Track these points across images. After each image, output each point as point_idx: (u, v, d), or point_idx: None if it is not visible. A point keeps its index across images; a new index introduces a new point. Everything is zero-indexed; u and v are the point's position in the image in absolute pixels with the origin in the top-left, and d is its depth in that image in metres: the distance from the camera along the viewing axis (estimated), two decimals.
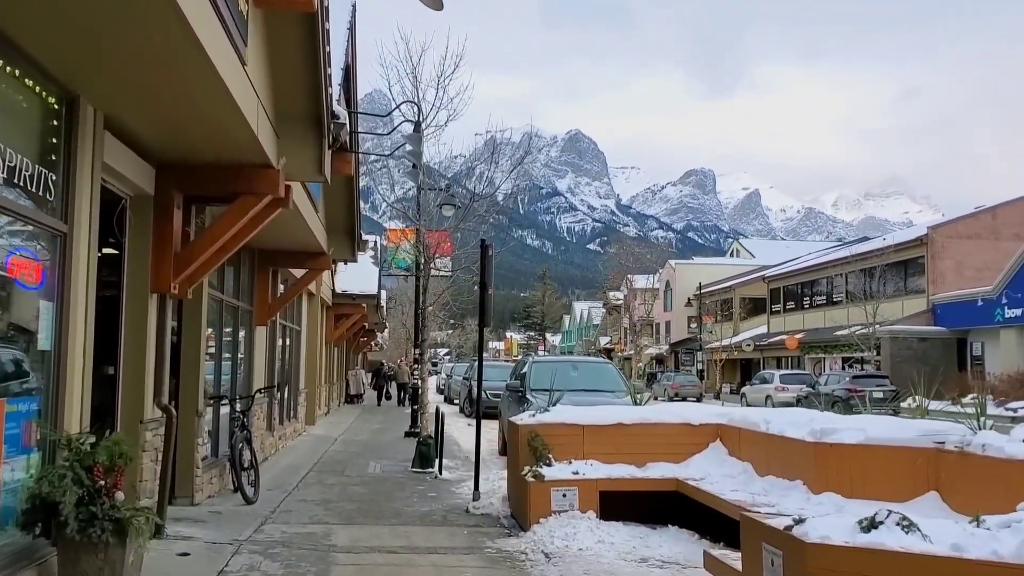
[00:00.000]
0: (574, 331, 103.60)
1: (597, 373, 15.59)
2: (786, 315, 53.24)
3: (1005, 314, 33.97)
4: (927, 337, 37.83)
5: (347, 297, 26.19)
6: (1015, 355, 33.55)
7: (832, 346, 43.72)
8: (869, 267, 43.02)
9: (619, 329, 77.73)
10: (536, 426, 9.35)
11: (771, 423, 8.32)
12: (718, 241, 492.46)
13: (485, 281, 10.52)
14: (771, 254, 73.96)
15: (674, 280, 68.41)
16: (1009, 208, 40.29)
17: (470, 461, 15.66)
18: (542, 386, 14.98)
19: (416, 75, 13.02)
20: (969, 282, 38.58)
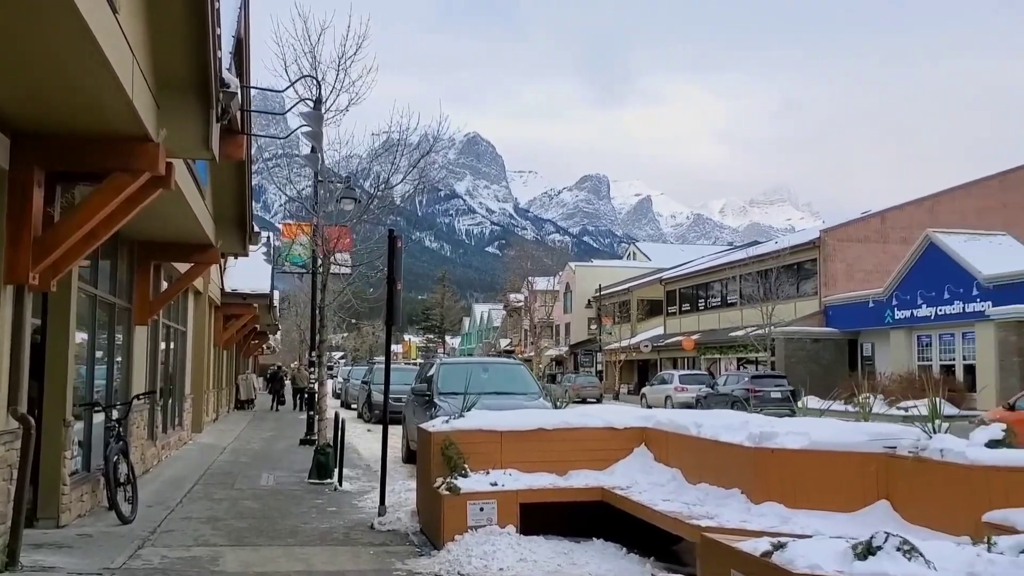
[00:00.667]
0: (474, 333, 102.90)
1: (509, 375, 14.91)
2: (682, 317, 53.87)
3: (895, 315, 34.98)
4: (820, 338, 38.67)
5: (237, 296, 24.79)
6: (904, 355, 34.56)
7: (728, 347, 44.33)
8: (764, 269, 43.84)
9: (519, 331, 77.44)
10: (450, 433, 8.58)
11: (703, 427, 7.78)
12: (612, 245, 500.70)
13: (393, 276, 9.68)
14: (666, 257, 75.01)
15: (574, 282, 68.54)
16: (897, 213, 41.64)
17: (372, 471, 14.75)
18: (451, 389, 14.22)
19: (315, 55, 12.05)
20: (859, 284, 39.66)
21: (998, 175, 42.55)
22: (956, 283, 31.53)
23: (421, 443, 9.39)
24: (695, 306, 52.71)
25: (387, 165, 13.73)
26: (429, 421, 13.34)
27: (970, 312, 30.94)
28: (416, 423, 15.07)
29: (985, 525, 5.17)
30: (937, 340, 33.47)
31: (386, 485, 10.17)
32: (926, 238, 33.82)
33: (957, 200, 41.45)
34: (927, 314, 33.18)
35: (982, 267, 30.58)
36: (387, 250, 9.78)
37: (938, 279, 32.37)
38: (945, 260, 32.37)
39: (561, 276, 70.41)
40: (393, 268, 9.70)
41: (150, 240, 11.77)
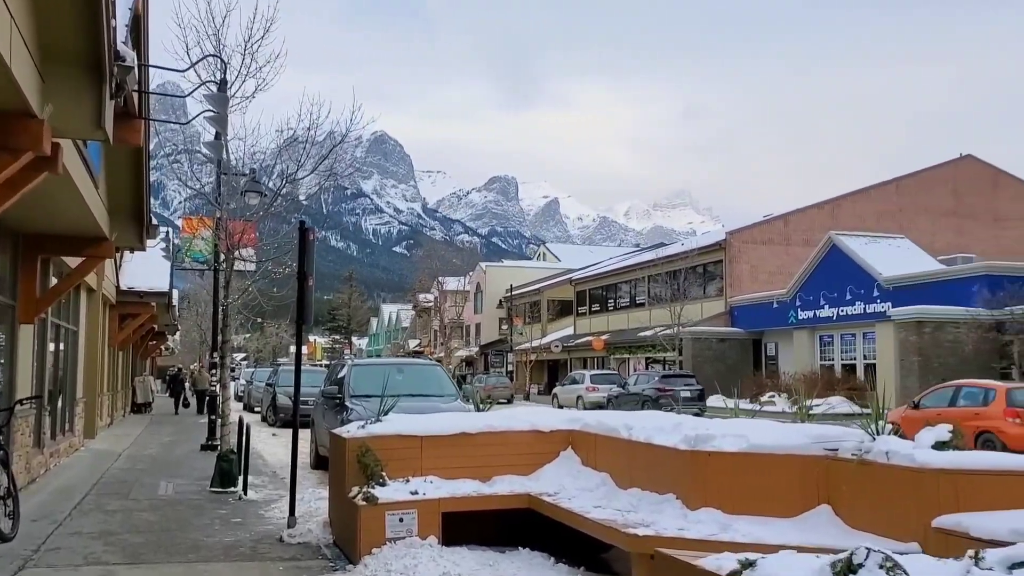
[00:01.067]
0: (382, 334, 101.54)
1: (424, 377, 14.40)
2: (592, 317, 54.16)
3: (798, 316, 35.78)
4: (726, 338, 39.31)
5: (134, 295, 23.53)
6: (807, 355, 35.38)
7: (637, 347, 44.70)
8: (672, 270, 44.38)
9: (429, 332, 76.72)
10: (367, 439, 8.06)
11: (634, 429, 7.47)
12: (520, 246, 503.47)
13: (305, 271, 9.09)
14: (576, 258, 75.43)
15: (484, 282, 68.22)
16: (799, 216, 42.71)
17: (278, 478, 14.06)
18: (364, 392, 13.66)
19: (220, 37, 11.31)
20: (763, 286, 40.50)
21: (894, 180, 44.10)
22: (857, 284, 32.42)
23: (334, 449, 8.84)
24: (605, 306, 53.05)
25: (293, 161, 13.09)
26: (341, 425, 12.77)
27: (871, 313, 31.84)
28: (326, 427, 14.43)
29: (936, 531, 4.98)
30: (839, 340, 34.37)
31: (296, 494, 9.55)
32: (828, 240, 34.70)
33: (857, 204, 42.77)
34: (829, 314, 34.04)
35: (882, 269, 31.51)
36: (298, 244, 9.18)
37: (840, 280, 33.24)
38: (847, 262, 33.25)
39: (471, 276, 69.99)
40: (305, 263, 9.11)
41: (37, 232, 10.85)
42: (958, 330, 26.89)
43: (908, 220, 41.78)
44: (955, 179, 43.95)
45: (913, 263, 32.48)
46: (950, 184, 43.79)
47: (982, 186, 44.10)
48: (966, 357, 26.74)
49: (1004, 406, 16.79)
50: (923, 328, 27.09)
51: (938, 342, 26.96)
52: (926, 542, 5.04)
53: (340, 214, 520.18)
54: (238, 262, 18.46)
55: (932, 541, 4.99)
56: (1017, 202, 44.32)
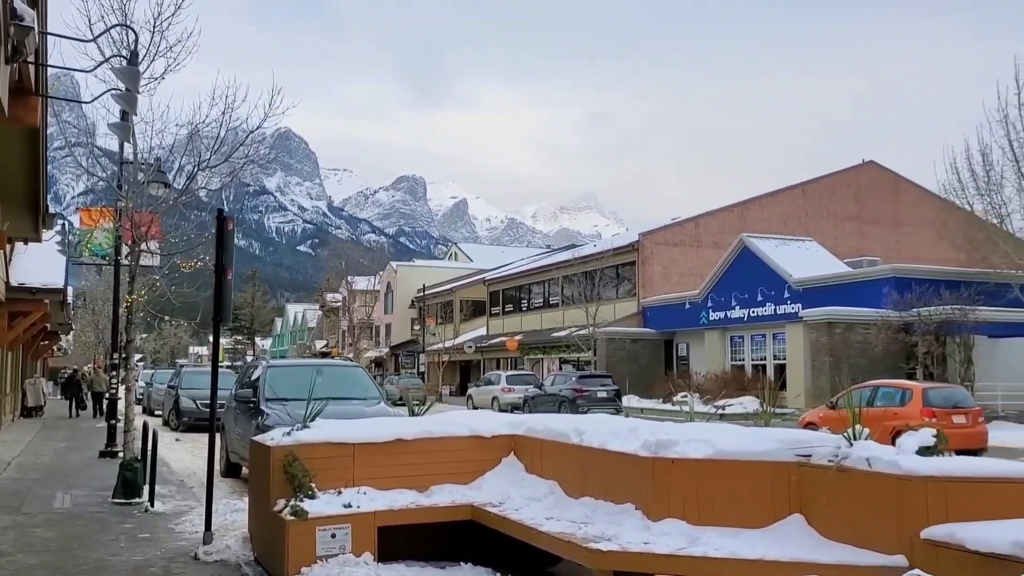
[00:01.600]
0: (287, 334, 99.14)
1: (346, 379, 13.70)
2: (505, 317, 53.89)
3: (709, 317, 36.20)
4: (638, 338, 39.53)
5: (25, 291, 21.97)
6: (718, 355, 35.81)
7: (551, 347, 44.60)
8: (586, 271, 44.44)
9: (337, 332, 75.19)
10: (295, 447, 7.41)
11: (585, 434, 7.04)
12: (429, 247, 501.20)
13: (223, 262, 8.36)
14: (488, 259, 75.09)
15: (395, 282, 67.19)
16: (709, 218, 43.33)
17: (187, 487, 13.18)
18: (280, 395, 12.90)
19: (126, 12, 10.41)
20: (675, 287, 40.91)
21: (800, 185, 45.18)
22: (768, 286, 32.96)
23: (256, 458, 8.14)
24: (518, 307, 52.85)
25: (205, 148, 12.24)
26: (256, 432, 12.00)
27: (781, 314, 32.39)
28: (239, 433, 13.61)
29: (925, 542, 4.69)
30: (749, 340, 34.89)
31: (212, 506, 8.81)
32: (740, 242, 35.20)
33: (764, 208, 43.63)
34: (740, 315, 34.53)
35: (792, 271, 32.10)
36: (216, 234, 8.44)
37: (751, 282, 33.74)
38: (758, 264, 33.78)
39: (382, 276, 68.88)
40: (223, 255, 8.38)
41: None
42: (867, 331, 27.53)
43: (813, 224, 42.85)
44: (858, 184, 45.30)
45: (821, 265, 33.20)
46: (853, 189, 45.12)
47: (883, 191, 45.57)
48: (875, 358, 27.39)
49: (920, 406, 17.09)
50: (834, 329, 27.64)
51: (848, 343, 27.54)
52: (913, 554, 4.75)
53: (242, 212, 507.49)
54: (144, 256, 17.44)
55: (920, 553, 4.70)
56: (916, 207, 45.93)
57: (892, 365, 27.65)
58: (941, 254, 38.87)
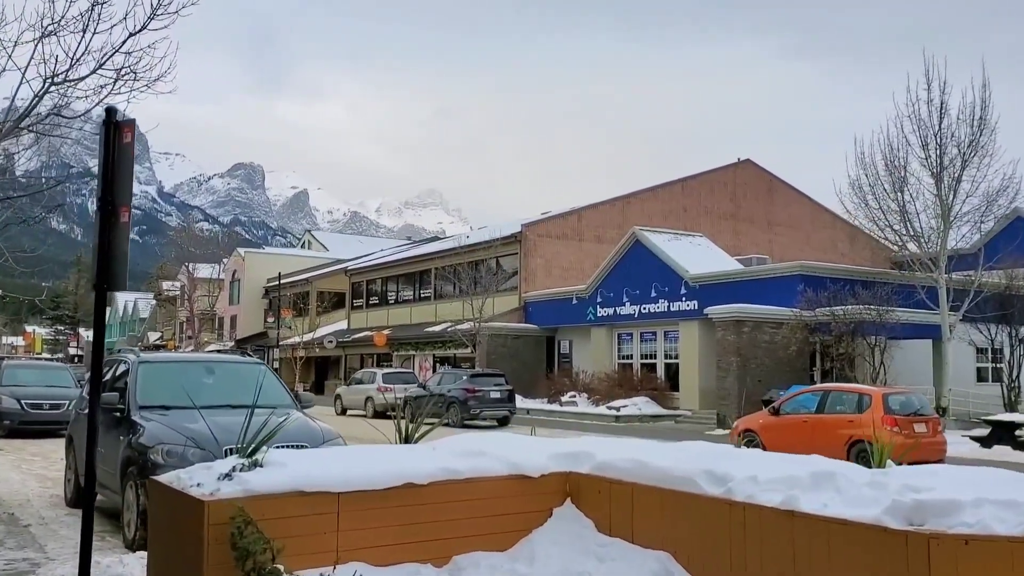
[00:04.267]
0: (115, 325, 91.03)
1: (244, 380, 10.50)
2: (369, 311, 50.53)
3: (597, 313, 34.38)
4: (520, 334, 37.30)
5: None
6: (604, 353, 34.04)
7: (424, 343, 41.72)
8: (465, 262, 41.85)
9: (173, 323, 69.17)
10: (245, 502, 4.46)
11: (733, 481, 4.45)
12: (266, 237, 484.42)
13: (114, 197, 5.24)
14: (345, 248, 71.03)
15: (243, 270, 62.11)
16: (592, 211, 41.64)
17: (22, 524, 9.74)
18: (158, 401, 9.62)
19: None
20: (557, 281, 38.97)
21: (680, 181, 44.30)
22: (663, 282, 31.42)
23: (172, 518, 5.06)
24: (384, 300, 49.60)
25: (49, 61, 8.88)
26: (132, 453, 8.83)
27: (676, 311, 30.91)
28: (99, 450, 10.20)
29: None
30: (638, 338, 33.30)
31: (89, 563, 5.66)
32: (632, 235, 33.56)
33: (645, 202, 42.41)
34: (631, 312, 32.86)
35: (688, 266, 30.67)
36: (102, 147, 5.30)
37: (643, 277, 32.12)
38: (651, 258, 32.20)
39: (227, 263, 63.65)
40: (117, 182, 5.26)
41: None
42: (775, 330, 26.31)
43: (692, 220, 41.96)
44: (735, 183, 44.88)
45: (715, 262, 32.00)
46: (730, 187, 44.66)
47: (758, 191, 45.37)
48: (783, 359, 26.22)
49: (881, 413, 15.50)
50: (742, 327, 26.25)
51: (755, 342, 26.22)
52: None
53: (63, 194, 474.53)
54: None
55: None
56: (788, 208, 46.08)
57: (800, 366, 26.59)
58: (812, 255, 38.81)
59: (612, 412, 29.34)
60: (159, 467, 8.30)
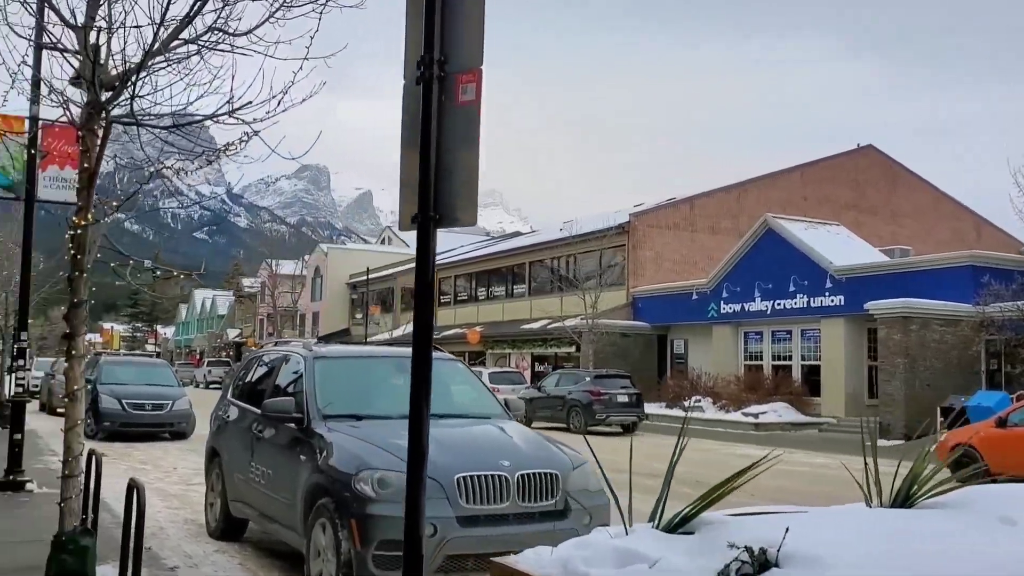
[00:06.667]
0: (194, 322, 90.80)
1: (441, 381, 8.17)
2: (458, 307, 48.41)
3: (721, 309, 31.58)
4: (629, 332, 34.67)
5: None
6: (728, 354, 31.24)
7: (522, 341, 39.38)
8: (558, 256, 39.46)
9: (253, 320, 68.13)
10: None
11: None
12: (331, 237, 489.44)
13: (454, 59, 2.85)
14: None
15: (325, 267, 60.56)
16: (705, 200, 38.79)
17: (160, 561, 7.59)
18: (345, 409, 7.31)
19: None
20: (668, 275, 36.28)
21: (799, 168, 41.20)
22: (802, 275, 28.48)
23: None
24: (474, 296, 47.42)
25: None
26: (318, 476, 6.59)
27: (817, 307, 27.98)
28: (258, 473, 7.94)
29: None
30: (769, 337, 30.42)
31: None
32: (764, 224, 30.69)
33: (763, 190, 39.42)
34: (762, 308, 29.98)
35: (832, 258, 27.70)
36: None
37: (778, 270, 29.22)
38: (787, 249, 29.29)
39: (309, 260, 62.25)
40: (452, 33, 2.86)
41: None
42: (945, 328, 23.26)
43: (812, 210, 38.77)
44: (856, 170, 41.60)
45: (860, 253, 28.98)
46: (851, 175, 41.39)
47: (880, 178, 42.01)
48: (953, 360, 23.18)
49: None
50: (909, 325, 23.22)
51: (924, 342, 23.20)
52: None
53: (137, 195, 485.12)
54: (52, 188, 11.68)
55: None
56: (912, 197, 42.62)
57: (974, 369, 23.51)
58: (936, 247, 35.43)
59: (749, 419, 26.58)
60: (368, 501, 6.01)
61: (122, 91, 6.11)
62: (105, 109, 6.00)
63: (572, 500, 6.54)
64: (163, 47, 6.16)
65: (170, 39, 6.21)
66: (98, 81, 6.07)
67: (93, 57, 5.95)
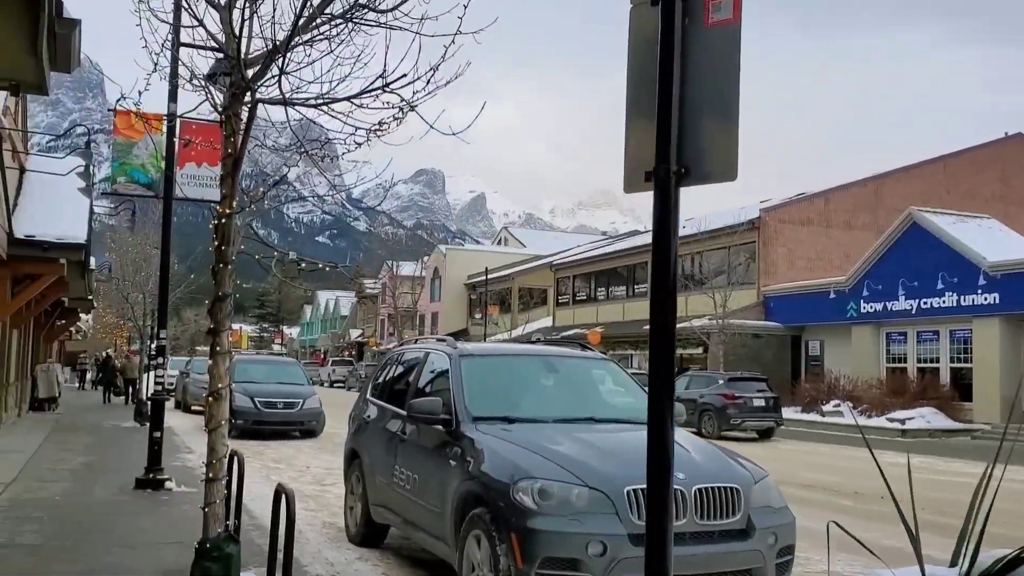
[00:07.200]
0: (317, 322, 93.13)
1: (590, 382, 7.56)
2: (576, 307, 47.68)
3: (860, 308, 29.85)
4: (761, 333, 33.21)
5: (34, 246, 16.02)
6: (868, 355, 29.48)
7: (646, 342, 38.32)
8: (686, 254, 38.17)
9: (374, 320, 69.23)
10: None
11: None
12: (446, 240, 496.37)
13: None
14: (542, 244, 68.74)
15: (444, 267, 60.92)
16: (840, 193, 36.86)
17: (304, 570, 7.21)
18: (493, 411, 6.77)
19: None
20: (800, 273, 34.60)
21: (940, 159, 38.73)
22: (951, 271, 26.57)
23: None
24: (593, 295, 46.61)
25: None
26: (468, 483, 6.07)
27: (968, 306, 26.04)
28: (402, 477, 7.49)
29: None
30: (914, 338, 28.53)
31: None
32: (908, 218, 28.84)
33: (901, 183, 37.21)
34: (906, 307, 28.14)
35: (986, 253, 25.71)
36: None
37: (925, 266, 27.36)
38: (934, 244, 27.40)
39: (428, 260, 62.77)
40: None
41: None
42: None
43: (955, 204, 36.31)
44: (1004, 160, 38.79)
45: (1015, 248, 26.83)
46: (998, 166, 38.62)
47: None
48: None
49: None
50: None
51: None
52: None
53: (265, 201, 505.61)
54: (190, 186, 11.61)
55: None
56: None
57: None
58: None
59: (895, 425, 24.93)
60: (529, 513, 5.42)
61: (266, 70, 5.76)
62: (251, 88, 5.64)
63: (755, 518, 5.81)
64: (310, 22, 5.77)
65: (316, 14, 5.81)
66: (242, 61, 5.73)
67: (238, 34, 5.60)
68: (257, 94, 5.73)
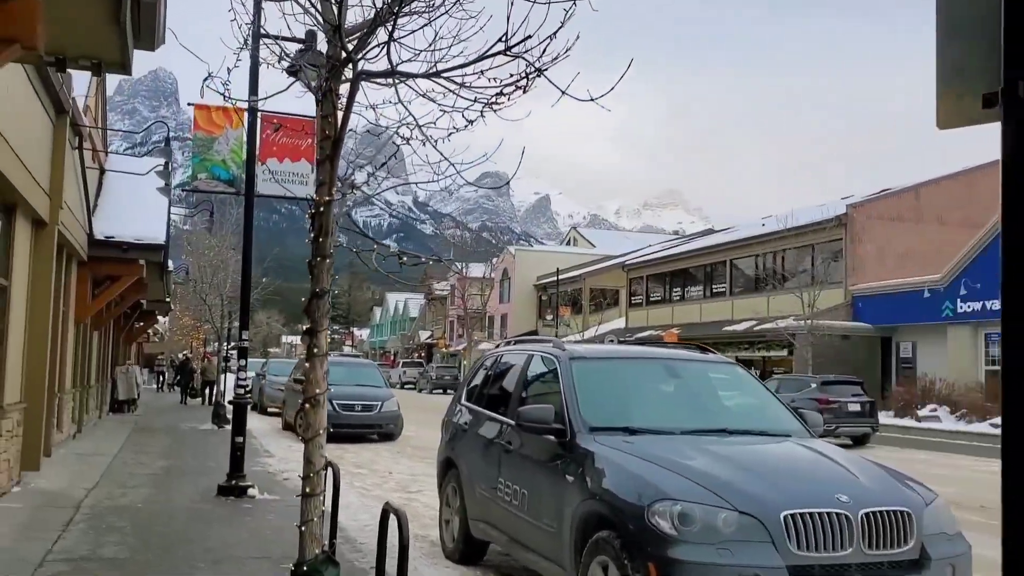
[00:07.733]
0: (387, 324, 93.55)
1: (714, 389, 6.80)
2: (650, 308, 46.65)
3: (957, 308, 28.34)
4: (850, 334, 31.83)
5: (113, 247, 15.91)
6: (966, 358, 27.94)
7: (726, 343, 37.23)
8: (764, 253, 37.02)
9: (443, 322, 69.09)
10: None
11: None
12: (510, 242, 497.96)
13: None
14: (611, 244, 67.77)
15: (513, 268, 60.41)
16: (932, 188, 35.24)
17: None
18: (613, 421, 6.07)
19: None
20: (891, 272, 33.09)
21: None
22: None
23: None
24: (668, 296, 45.54)
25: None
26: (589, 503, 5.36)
27: None
28: (507, 491, 6.83)
29: None
30: None
31: None
32: None
33: (993, 177, 35.32)
34: None
35: None
36: None
37: None
38: None
39: (497, 262, 62.34)
40: None
41: None
42: None
43: None
44: None
45: None
46: None
47: None
48: None
49: None
50: None
51: None
52: None
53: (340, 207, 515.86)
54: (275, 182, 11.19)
55: None
56: None
57: None
58: None
59: (997, 432, 23.44)
60: (669, 541, 4.68)
61: (367, 41, 5.17)
62: (352, 60, 5.05)
63: (929, 547, 5.00)
64: None
65: None
66: (341, 31, 5.14)
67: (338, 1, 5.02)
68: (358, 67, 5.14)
